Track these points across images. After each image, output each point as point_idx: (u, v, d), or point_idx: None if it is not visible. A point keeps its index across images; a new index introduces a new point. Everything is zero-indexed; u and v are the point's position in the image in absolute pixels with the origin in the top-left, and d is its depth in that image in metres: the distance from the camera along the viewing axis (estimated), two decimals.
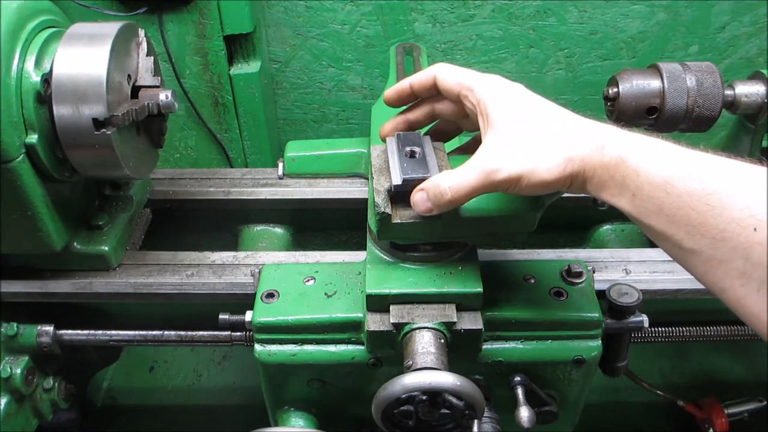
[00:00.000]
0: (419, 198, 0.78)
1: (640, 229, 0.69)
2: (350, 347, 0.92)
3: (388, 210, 0.82)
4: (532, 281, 0.96)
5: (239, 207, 1.27)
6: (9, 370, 1.06)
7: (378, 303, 0.87)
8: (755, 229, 0.55)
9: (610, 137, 0.68)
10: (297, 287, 0.95)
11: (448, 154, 0.90)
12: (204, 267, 1.09)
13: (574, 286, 0.95)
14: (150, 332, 1.08)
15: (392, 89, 0.88)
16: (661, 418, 1.65)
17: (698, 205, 0.59)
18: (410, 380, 0.77)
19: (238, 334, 1.02)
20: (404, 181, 0.81)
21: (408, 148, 0.85)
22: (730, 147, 1.20)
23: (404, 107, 0.91)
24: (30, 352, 1.09)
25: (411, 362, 0.80)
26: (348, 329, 0.91)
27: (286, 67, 1.91)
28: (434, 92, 0.84)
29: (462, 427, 0.86)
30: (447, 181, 0.74)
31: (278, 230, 1.31)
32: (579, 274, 0.96)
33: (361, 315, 0.89)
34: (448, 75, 0.81)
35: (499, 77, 0.78)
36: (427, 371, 0.78)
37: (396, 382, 0.78)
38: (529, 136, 0.71)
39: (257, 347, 0.92)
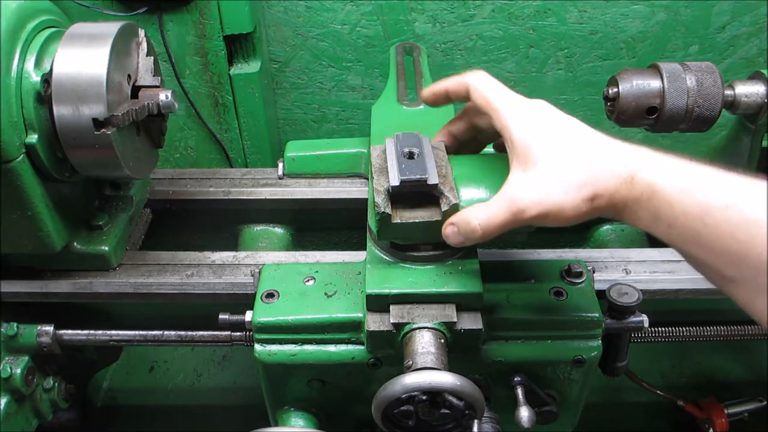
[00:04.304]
0: (451, 232, 0.79)
1: (640, 229, 0.69)
2: (350, 347, 0.92)
3: (388, 210, 0.82)
4: (532, 281, 0.96)
5: (239, 207, 1.26)
6: (9, 370, 1.06)
7: (378, 303, 0.87)
8: None
9: (639, 167, 0.66)
10: (297, 287, 0.95)
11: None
12: (204, 267, 1.09)
13: (574, 286, 0.95)
14: (150, 332, 1.08)
15: (429, 89, 0.87)
16: (661, 418, 1.64)
17: (739, 234, 0.57)
18: (410, 380, 0.77)
19: (238, 334, 1.02)
20: (402, 182, 0.81)
21: (406, 149, 0.85)
22: (730, 147, 1.20)
23: None
24: (30, 352, 1.09)
25: (411, 362, 0.80)
26: (348, 329, 0.91)
27: (286, 67, 1.91)
28: (468, 99, 0.83)
29: (462, 427, 0.86)
30: (477, 219, 0.74)
31: (278, 230, 1.31)
32: (579, 274, 0.96)
33: (361, 315, 0.89)
34: (479, 88, 0.79)
35: (523, 99, 0.77)
36: (427, 371, 0.78)
37: (396, 382, 0.78)
38: (554, 171, 0.70)
39: (257, 347, 0.92)
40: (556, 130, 0.73)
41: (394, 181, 0.81)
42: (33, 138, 0.88)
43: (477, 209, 0.75)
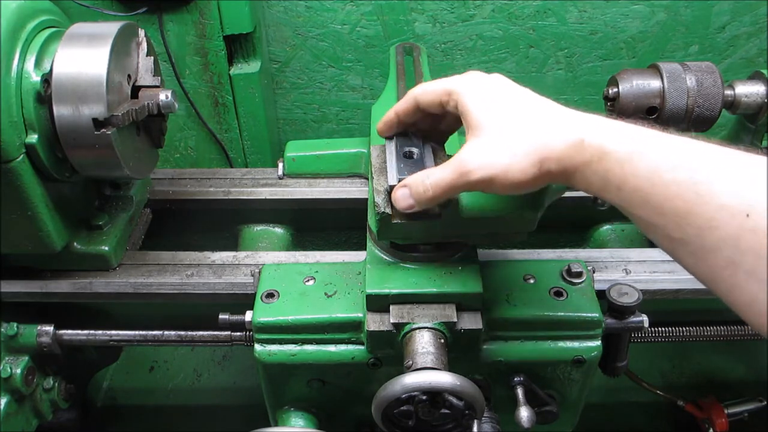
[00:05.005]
0: (401, 194, 0.79)
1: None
2: (350, 347, 0.92)
3: (388, 210, 0.82)
4: (532, 281, 0.96)
5: (239, 207, 1.27)
6: (9, 370, 1.06)
7: (378, 303, 0.87)
8: (748, 215, 0.53)
9: (588, 131, 0.66)
10: (297, 287, 0.95)
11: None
12: (204, 267, 1.09)
13: (574, 286, 0.95)
14: (150, 332, 1.08)
15: (381, 122, 0.88)
16: (661, 418, 1.65)
17: (687, 194, 0.58)
18: (410, 380, 0.77)
19: (238, 334, 1.02)
20: (400, 182, 0.81)
21: (406, 149, 0.85)
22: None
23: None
24: (30, 352, 1.09)
25: (411, 362, 0.80)
26: (348, 329, 0.91)
27: (286, 67, 1.91)
28: (419, 116, 0.84)
29: (462, 427, 0.86)
30: (428, 179, 0.76)
31: (278, 230, 1.31)
32: (579, 274, 0.96)
33: (361, 315, 0.89)
34: (426, 89, 0.80)
35: (478, 73, 0.78)
36: (427, 371, 0.78)
37: (396, 382, 0.78)
38: (504, 137, 0.71)
39: (257, 347, 0.92)
40: (507, 101, 0.74)
41: (393, 180, 0.81)
42: (33, 138, 0.88)
43: (428, 171, 0.77)
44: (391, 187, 0.81)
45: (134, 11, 1.60)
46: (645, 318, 0.98)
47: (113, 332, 1.09)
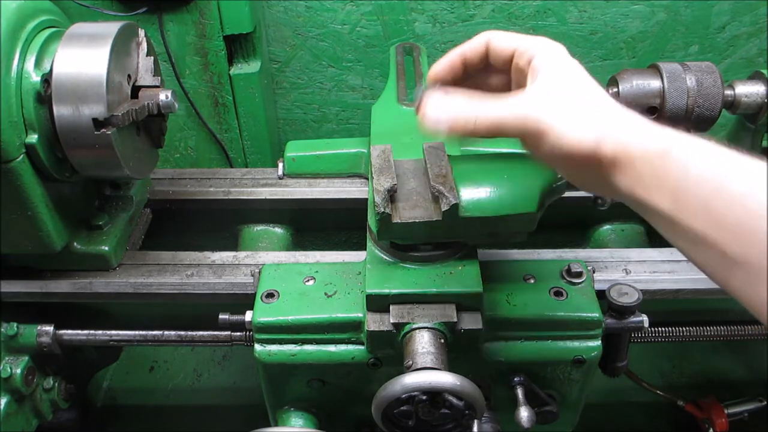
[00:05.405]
0: (434, 103, 0.70)
1: (640, 229, 0.67)
2: (350, 347, 0.92)
3: (388, 210, 0.82)
4: (532, 281, 0.96)
5: (239, 207, 1.27)
6: (9, 370, 1.06)
7: (378, 303, 0.87)
8: None
9: (655, 128, 0.61)
10: (297, 287, 0.95)
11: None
12: (204, 267, 1.09)
13: (574, 286, 0.95)
14: (150, 332, 1.08)
15: (442, 64, 0.76)
16: (661, 418, 1.65)
17: (754, 205, 0.51)
18: (410, 380, 0.77)
19: (238, 334, 1.02)
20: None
21: None
22: (730, 147, 1.20)
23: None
24: (30, 352, 1.09)
25: (411, 362, 0.80)
26: (348, 329, 0.91)
27: (286, 67, 1.91)
28: (485, 63, 0.76)
29: (462, 427, 0.86)
30: (476, 103, 0.68)
31: (278, 230, 1.31)
32: (579, 274, 0.96)
33: (361, 315, 0.89)
34: (502, 34, 0.73)
35: (557, 43, 0.72)
36: (427, 371, 0.78)
37: (396, 382, 0.78)
38: (571, 100, 0.64)
39: (257, 347, 0.92)
40: (582, 73, 0.68)
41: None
42: (33, 138, 0.88)
43: (478, 101, 0.68)
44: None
45: (134, 11, 1.60)
46: (645, 318, 0.98)
47: (113, 332, 1.08)
